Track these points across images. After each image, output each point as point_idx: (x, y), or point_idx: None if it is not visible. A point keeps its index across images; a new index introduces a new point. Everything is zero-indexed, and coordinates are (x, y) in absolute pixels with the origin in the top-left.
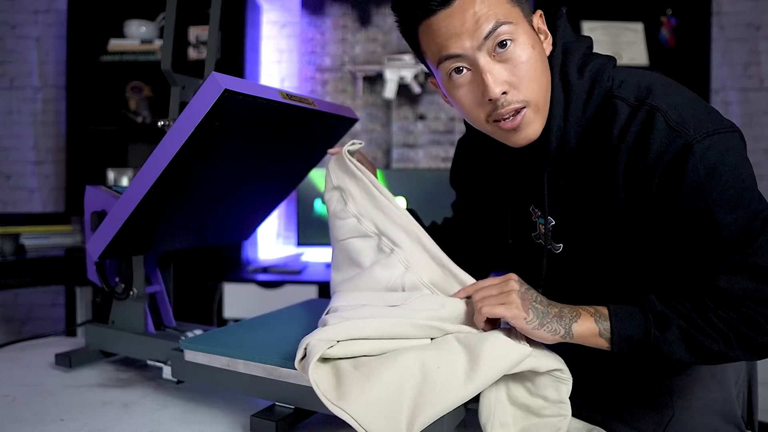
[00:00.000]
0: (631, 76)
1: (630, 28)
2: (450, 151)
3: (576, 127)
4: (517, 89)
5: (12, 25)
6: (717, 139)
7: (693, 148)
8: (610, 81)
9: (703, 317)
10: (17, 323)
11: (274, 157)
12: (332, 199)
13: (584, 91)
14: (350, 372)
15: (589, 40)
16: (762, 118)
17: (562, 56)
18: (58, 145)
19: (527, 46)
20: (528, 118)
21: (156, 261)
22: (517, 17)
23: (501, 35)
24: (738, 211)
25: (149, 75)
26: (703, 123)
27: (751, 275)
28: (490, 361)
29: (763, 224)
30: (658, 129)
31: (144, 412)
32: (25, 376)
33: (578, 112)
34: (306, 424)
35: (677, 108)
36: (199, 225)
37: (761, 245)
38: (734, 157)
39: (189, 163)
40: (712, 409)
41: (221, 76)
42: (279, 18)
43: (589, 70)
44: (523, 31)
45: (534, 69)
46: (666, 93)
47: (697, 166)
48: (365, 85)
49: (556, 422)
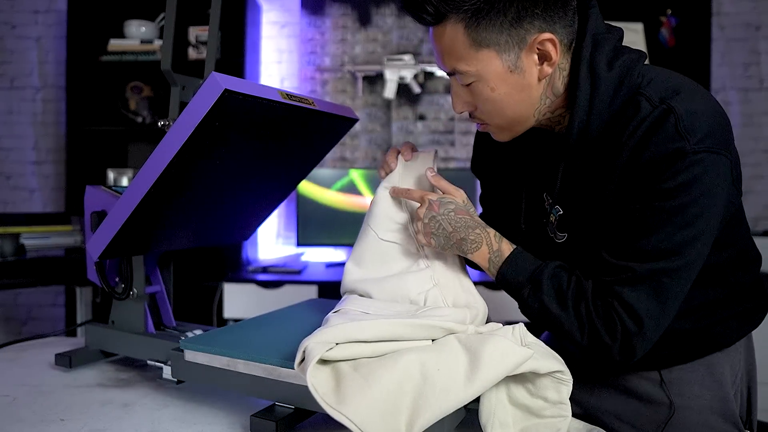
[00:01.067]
0: (660, 76)
1: (630, 28)
2: (450, 151)
3: (599, 120)
4: (479, 112)
5: (12, 25)
6: (709, 157)
7: (686, 156)
8: (640, 78)
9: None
10: (17, 323)
11: (274, 157)
12: (387, 196)
13: (612, 85)
14: (349, 374)
15: (620, 31)
16: (762, 118)
17: (591, 47)
18: (58, 145)
19: (490, 86)
20: (491, 130)
21: (156, 261)
22: (483, 59)
23: (460, 78)
24: (685, 231)
25: (149, 75)
26: (707, 136)
27: (647, 286)
28: (490, 364)
29: (692, 259)
30: (666, 129)
31: (144, 412)
32: (25, 376)
33: (604, 105)
34: (306, 424)
35: (692, 115)
36: (199, 225)
37: (677, 270)
38: (714, 181)
39: (189, 163)
40: (710, 408)
41: (221, 76)
42: (279, 18)
43: (620, 65)
44: (490, 73)
45: (495, 104)
46: (690, 98)
47: (680, 174)
48: (365, 85)
49: (556, 423)
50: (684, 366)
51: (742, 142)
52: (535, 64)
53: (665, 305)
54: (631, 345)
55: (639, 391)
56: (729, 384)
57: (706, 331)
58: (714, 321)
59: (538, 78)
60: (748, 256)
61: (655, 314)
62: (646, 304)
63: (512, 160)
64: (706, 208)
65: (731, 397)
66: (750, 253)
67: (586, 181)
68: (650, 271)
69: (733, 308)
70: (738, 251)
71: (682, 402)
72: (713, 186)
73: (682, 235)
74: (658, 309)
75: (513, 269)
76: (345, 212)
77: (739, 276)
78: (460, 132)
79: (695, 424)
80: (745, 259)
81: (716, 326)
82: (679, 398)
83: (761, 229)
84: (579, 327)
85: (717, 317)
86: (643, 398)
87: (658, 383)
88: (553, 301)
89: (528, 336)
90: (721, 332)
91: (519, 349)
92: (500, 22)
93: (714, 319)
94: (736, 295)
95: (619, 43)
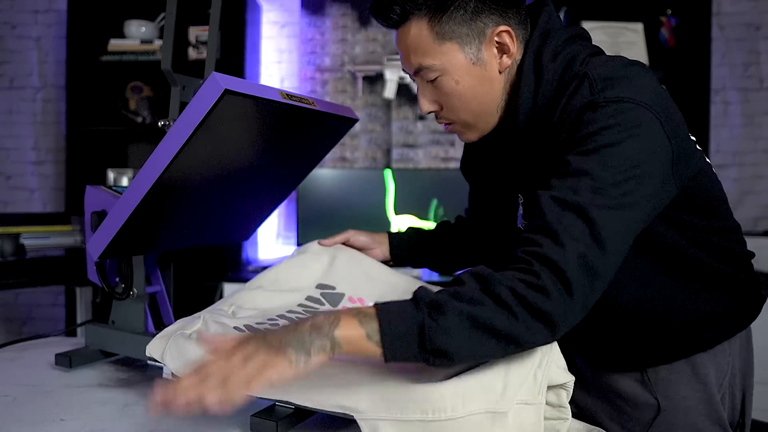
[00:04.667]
0: (601, 60)
1: (630, 28)
2: (450, 151)
3: (543, 106)
4: (445, 110)
5: (12, 25)
6: (628, 106)
7: (597, 105)
8: (583, 65)
9: (488, 289)
10: (17, 323)
11: (274, 157)
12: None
13: (556, 73)
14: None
15: (580, 30)
16: (762, 118)
17: (539, 41)
18: (58, 145)
19: (454, 79)
20: (457, 130)
21: (156, 261)
22: (447, 53)
23: (426, 74)
24: (606, 172)
25: (149, 75)
26: (622, 91)
27: (583, 220)
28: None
29: (608, 211)
30: (581, 93)
31: (144, 412)
32: (25, 376)
33: (549, 94)
34: (306, 424)
35: (606, 79)
36: (199, 225)
37: (594, 225)
38: (634, 129)
39: (189, 163)
40: (696, 409)
41: (221, 76)
42: (279, 18)
43: (563, 56)
44: (454, 66)
45: (460, 98)
46: (609, 68)
47: (596, 122)
48: (365, 85)
49: (556, 425)
50: (669, 366)
51: (742, 142)
52: (495, 57)
53: (602, 243)
54: (566, 284)
55: (625, 391)
56: (714, 385)
57: (689, 329)
58: (697, 318)
59: (499, 70)
60: (732, 247)
61: (587, 258)
62: (589, 242)
63: (496, 162)
64: (634, 151)
65: (717, 399)
66: (735, 244)
67: (539, 165)
68: (579, 204)
69: (718, 305)
70: (719, 237)
71: (667, 403)
72: (631, 129)
73: (606, 176)
74: (597, 250)
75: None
76: (345, 212)
77: (723, 270)
78: None
79: (681, 425)
80: (730, 252)
81: (699, 325)
82: (665, 399)
83: (761, 229)
84: (509, 311)
85: (701, 313)
86: (629, 399)
87: (644, 383)
88: (463, 306)
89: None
90: (705, 331)
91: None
92: (461, 15)
93: (697, 316)
94: (720, 291)
95: (573, 39)
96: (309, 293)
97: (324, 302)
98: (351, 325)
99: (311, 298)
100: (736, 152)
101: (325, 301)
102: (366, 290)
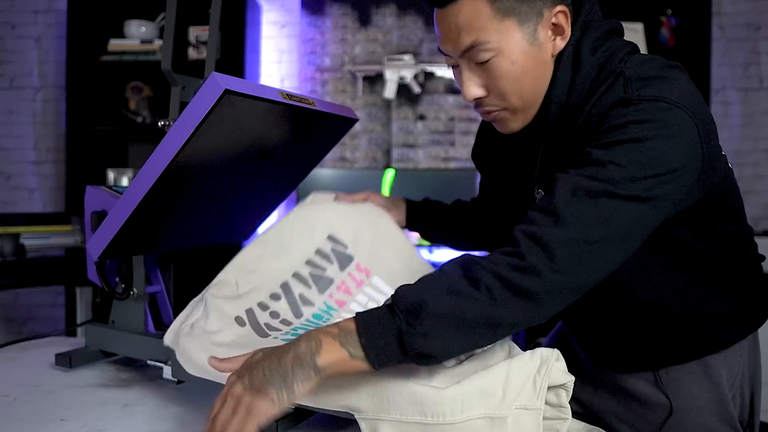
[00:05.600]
0: (640, 60)
1: (630, 28)
2: (450, 151)
3: (578, 100)
4: (494, 95)
5: (12, 25)
6: (663, 106)
7: (630, 102)
8: (622, 63)
9: (469, 276)
10: (17, 323)
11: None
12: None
13: (593, 68)
14: None
15: (615, 23)
16: (762, 118)
17: (581, 32)
18: (58, 145)
19: (511, 60)
20: (502, 117)
21: (156, 261)
22: (505, 31)
23: (478, 54)
24: (627, 165)
25: (149, 75)
26: (659, 91)
27: (553, 219)
28: None
29: (622, 202)
30: (615, 91)
31: (144, 412)
32: (25, 376)
33: (584, 88)
34: (306, 424)
35: (644, 79)
36: (199, 225)
37: (601, 213)
38: (668, 128)
39: (189, 163)
40: (707, 409)
41: (221, 76)
42: (279, 18)
43: (603, 50)
44: (512, 45)
45: (515, 81)
46: (647, 68)
47: (625, 114)
48: (365, 85)
49: (555, 425)
50: (681, 366)
51: (742, 142)
52: (549, 39)
53: (575, 245)
54: (549, 251)
55: (637, 391)
56: (726, 386)
57: (704, 329)
58: (712, 319)
59: (552, 54)
60: (746, 251)
61: (573, 252)
62: (555, 229)
63: (514, 153)
64: (656, 155)
65: (729, 400)
66: (748, 248)
67: (565, 162)
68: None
69: (733, 307)
70: (735, 241)
71: (680, 403)
72: (664, 128)
73: (625, 175)
74: (571, 250)
75: (369, 321)
76: None
77: (738, 272)
78: (460, 132)
79: (693, 425)
80: (744, 255)
81: (714, 325)
82: (677, 399)
83: (761, 229)
84: (488, 293)
85: (716, 314)
86: (641, 399)
87: (656, 384)
88: (438, 303)
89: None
90: (720, 332)
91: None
92: None
93: (711, 315)
94: (735, 293)
95: (611, 32)
96: (319, 245)
97: (333, 260)
98: (332, 348)
99: (321, 252)
100: (736, 152)
101: (334, 259)
102: (375, 261)
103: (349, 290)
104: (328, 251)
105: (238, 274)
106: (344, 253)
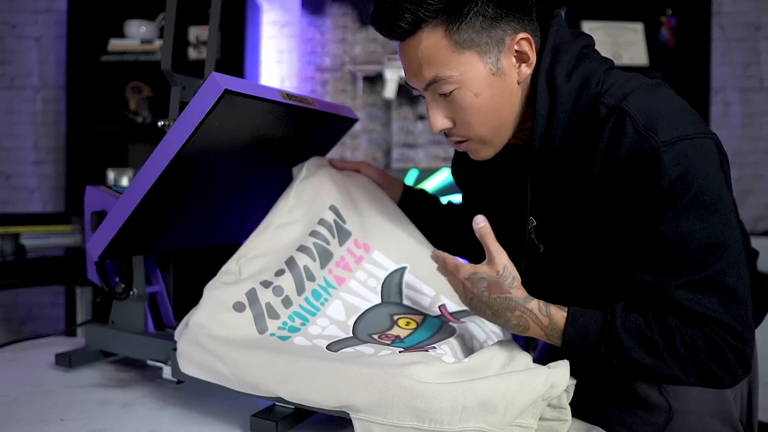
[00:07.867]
0: (619, 81)
1: (630, 28)
2: (450, 151)
3: (561, 131)
4: (460, 127)
5: (12, 25)
6: (689, 144)
7: (659, 153)
8: (599, 86)
9: (668, 342)
10: (17, 323)
11: (275, 157)
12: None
13: (570, 95)
14: None
15: (587, 39)
16: (762, 118)
17: (551, 58)
18: (58, 145)
19: (473, 92)
20: (472, 147)
21: (156, 261)
22: (466, 63)
23: (441, 87)
24: (711, 218)
25: (149, 75)
26: (673, 127)
27: (719, 295)
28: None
29: (734, 241)
30: (626, 133)
31: (144, 412)
32: (25, 376)
33: (564, 116)
34: (306, 424)
35: (647, 113)
36: (199, 225)
37: (732, 262)
38: (707, 163)
39: (189, 163)
40: (709, 411)
41: (221, 76)
42: (279, 18)
43: (578, 75)
44: (474, 77)
45: (478, 112)
46: (641, 98)
47: (668, 172)
48: (365, 85)
49: (555, 425)
50: None
51: (742, 142)
52: (514, 66)
53: (743, 301)
54: (744, 361)
55: (638, 395)
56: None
57: None
58: None
59: (518, 81)
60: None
61: (744, 317)
62: (735, 311)
63: (497, 176)
64: (716, 188)
65: (731, 400)
66: (745, 245)
67: (558, 192)
68: (710, 278)
69: None
70: None
71: (680, 406)
72: (705, 165)
73: (715, 224)
74: (742, 309)
75: (577, 335)
76: None
77: None
78: None
79: (694, 427)
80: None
81: None
82: (678, 402)
83: (761, 229)
84: (682, 368)
85: None
86: (641, 402)
87: (657, 387)
88: (642, 353)
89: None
90: None
91: None
92: (480, 22)
93: None
94: None
95: (584, 51)
96: (323, 215)
97: (334, 233)
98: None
99: (324, 222)
100: (736, 152)
101: (335, 232)
102: (374, 235)
103: (348, 266)
104: (330, 222)
105: (242, 260)
106: (344, 228)
